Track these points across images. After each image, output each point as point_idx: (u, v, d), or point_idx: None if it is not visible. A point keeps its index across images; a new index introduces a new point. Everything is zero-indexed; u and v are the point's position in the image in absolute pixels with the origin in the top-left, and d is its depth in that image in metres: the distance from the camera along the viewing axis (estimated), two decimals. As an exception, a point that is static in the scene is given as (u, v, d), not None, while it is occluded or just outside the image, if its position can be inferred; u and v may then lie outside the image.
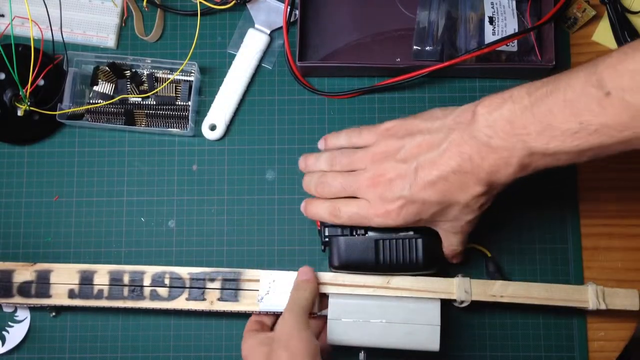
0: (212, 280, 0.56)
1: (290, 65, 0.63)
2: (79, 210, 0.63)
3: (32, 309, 0.61)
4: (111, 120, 0.63)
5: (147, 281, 0.56)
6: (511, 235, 0.62)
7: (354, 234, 0.55)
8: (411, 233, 0.54)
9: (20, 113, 0.62)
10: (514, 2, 0.63)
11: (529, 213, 0.62)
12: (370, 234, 0.54)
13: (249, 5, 0.65)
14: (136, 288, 0.56)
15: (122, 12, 0.66)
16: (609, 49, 0.64)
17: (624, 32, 0.62)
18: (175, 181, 0.63)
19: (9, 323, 0.61)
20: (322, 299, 0.57)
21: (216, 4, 0.64)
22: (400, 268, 0.54)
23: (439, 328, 0.54)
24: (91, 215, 0.63)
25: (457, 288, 0.56)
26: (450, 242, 0.55)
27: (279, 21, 0.64)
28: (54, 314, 0.61)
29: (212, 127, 0.63)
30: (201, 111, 0.64)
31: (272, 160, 0.63)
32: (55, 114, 0.61)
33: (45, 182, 0.63)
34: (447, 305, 0.57)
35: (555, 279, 0.60)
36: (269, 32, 0.65)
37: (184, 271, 0.57)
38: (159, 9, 0.65)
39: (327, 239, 0.55)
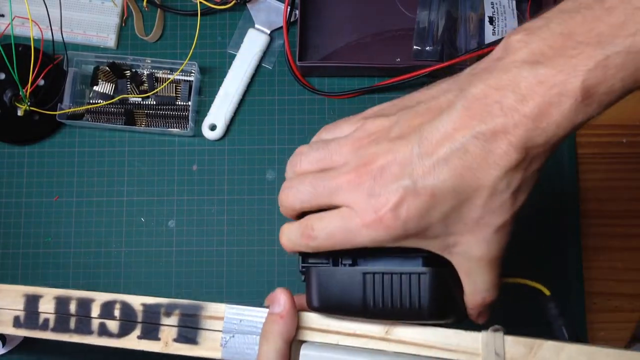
0: (168, 314, 0.45)
1: (290, 65, 0.63)
2: (79, 210, 0.63)
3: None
4: (111, 120, 0.63)
5: (95, 311, 0.47)
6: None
7: (339, 263, 0.38)
8: (419, 265, 0.37)
9: (20, 113, 0.62)
10: (514, 2, 0.63)
11: (529, 213, 0.62)
12: (361, 264, 0.38)
13: (249, 5, 0.65)
14: (83, 319, 0.48)
15: (122, 12, 0.66)
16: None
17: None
18: (175, 181, 0.63)
19: (9, 323, 0.61)
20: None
21: (216, 4, 0.64)
22: (397, 314, 0.37)
23: None
24: (91, 215, 0.63)
25: (484, 347, 0.38)
26: (474, 283, 0.37)
27: (279, 21, 0.64)
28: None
29: (212, 127, 0.63)
30: (201, 111, 0.64)
31: (272, 160, 0.63)
32: (55, 114, 0.61)
33: (45, 182, 0.63)
34: None
35: (555, 279, 0.60)
36: (269, 32, 0.65)
37: (137, 301, 0.46)
38: (159, 9, 0.65)
39: (303, 269, 0.40)
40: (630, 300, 0.60)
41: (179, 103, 0.63)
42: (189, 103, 0.63)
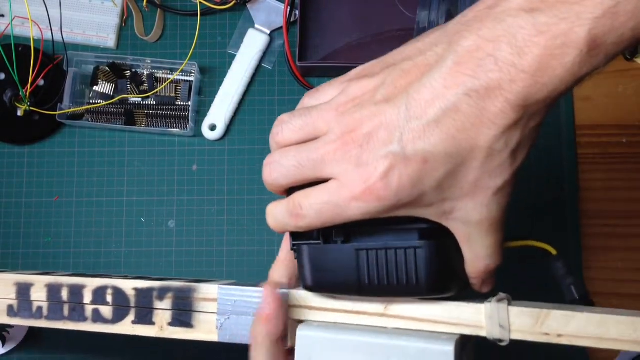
0: (160, 298, 0.44)
1: (290, 65, 0.63)
2: (79, 210, 0.63)
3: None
4: (111, 120, 0.63)
5: (87, 297, 0.46)
6: (509, 236, 0.61)
7: (331, 240, 0.36)
8: (414, 239, 0.35)
9: (20, 113, 0.62)
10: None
11: (529, 213, 0.62)
12: (354, 240, 0.36)
13: (249, 5, 0.65)
14: (77, 306, 0.47)
15: (122, 12, 0.66)
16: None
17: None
18: (175, 181, 0.63)
19: (9, 323, 0.61)
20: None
21: (216, 4, 0.64)
22: (394, 291, 0.36)
23: None
24: (91, 215, 0.63)
25: (488, 319, 0.36)
26: (475, 249, 0.35)
27: (279, 21, 0.64)
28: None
29: (212, 127, 0.63)
30: (201, 111, 0.64)
31: (272, 160, 0.63)
32: (55, 114, 0.61)
33: (45, 182, 0.63)
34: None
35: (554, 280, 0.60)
36: (269, 32, 0.65)
37: (129, 285, 0.45)
38: (159, 9, 0.65)
39: (294, 248, 0.38)
40: (630, 300, 0.60)
41: (179, 103, 0.63)
42: (189, 103, 0.63)
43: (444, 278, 0.35)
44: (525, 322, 0.36)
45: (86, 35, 0.65)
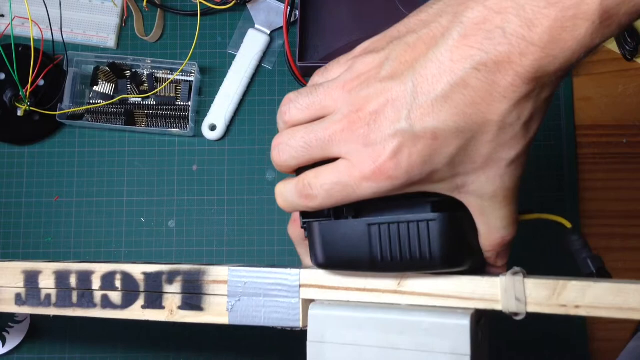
0: (170, 282, 0.44)
1: (290, 65, 0.63)
2: (79, 210, 0.63)
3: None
4: (111, 121, 0.63)
5: (96, 283, 0.46)
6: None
7: (341, 215, 0.36)
8: (427, 211, 0.34)
9: (20, 113, 0.62)
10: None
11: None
12: (365, 214, 0.35)
13: (249, 5, 0.65)
14: (85, 292, 0.46)
15: (122, 12, 0.66)
16: (609, 50, 0.64)
17: (624, 33, 0.62)
18: (175, 181, 0.63)
19: (9, 323, 0.61)
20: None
21: (216, 4, 0.64)
22: (408, 265, 0.35)
23: (468, 359, 0.34)
24: (91, 215, 0.63)
25: (504, 292, 0.35)
26: (489, 222, 0.35)
27: (279, 21, 0.64)
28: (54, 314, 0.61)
29: (212, 127, 0.63)
30: (201, 111, 0.64)
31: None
32: (55, 114, 0.61)
33: (45, 182, 0.63)
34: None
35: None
36: (269, 32, 0.65)
37: (137, 270, 0.45)
38: (159, 9, 0.65)
39: (304, 225, 0.37)
40: (630, 300, 0.60)
41: (179, 103, 0.63)
42: (189, 103, 0.63)
43: (458, 251, 0.35)
44: (542, 294, 0.35)
45: (86, 35, 0.65)
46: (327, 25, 0.65)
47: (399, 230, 0.34)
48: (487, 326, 0.39)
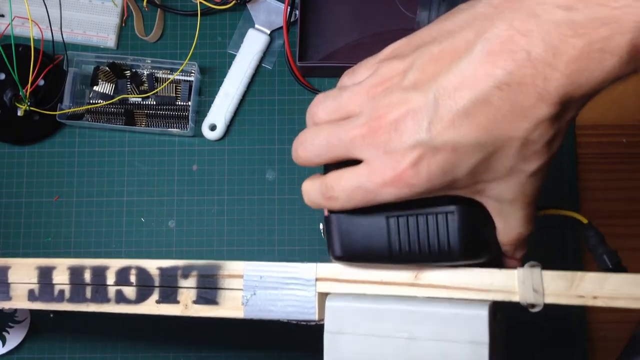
0: (185, 276, 0.44)
1: (290, 65, 0.63)
2: (79, 210, 0.63)
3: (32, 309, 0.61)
4: (111, 120, 0.63)
5: (110, 279, 0.46)
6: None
7: (359, 209, 0.36)
8: (446, 203, 0.35)
9: (20, 113, 0.62)
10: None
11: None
12: (384, 207, 0.35)
13: (249, 5, 0.65)
14: (99, 288, 0.46)
15: (122, 12, 0.66)
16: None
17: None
18: (175, 181, 0.63)
19: (9, 323, 0.61)
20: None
21: (216, 4, 0.64)
22: (426, 258, 0.36)
23: (487, 347, 0.35)
24: (91, 215, 0.63)
25: (521, 284, 0.36)
26: (508, 221, 0.35)
27: (279, 21, 0.64)
28: (53, 314, 0.61)
29: (212, 127, 0.63)
30: (201, 111, 0.64)
31: (272, 160, 0.63)
32: (55, 114, 0.61)
33: (45, 182, 0.63)
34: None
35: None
36: (269, 32, 0.65)
37: (153, 265, 0.45)
38: (159, 9, 0.65)
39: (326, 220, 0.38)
40: (630, 300, 0.60)
41: (179, 103, 0.63)
42: (189, 103, 0.63)
43: (476, 243, 0.35)
44: (560, 286, 0.36)
45: (86, 35, 0.65)
46: (327, 25, 0.65)
47: (417, 222, 0.35)
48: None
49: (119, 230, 0.62)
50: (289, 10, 0.62)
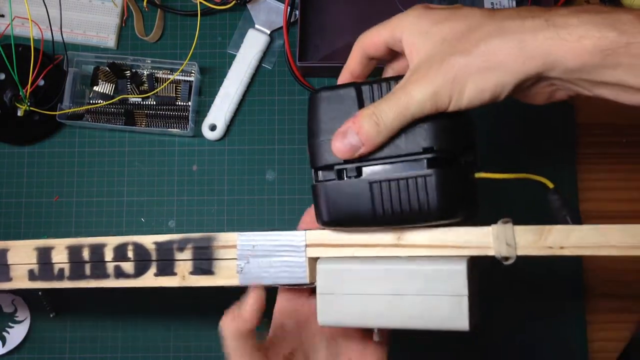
0: (181, 250, 0.46)
1: (290, 65, 0.63)
2: (79, 210, 0.63)
3: (32, 309, 0.61)
4: (111, 121, 0.63)
5: (109, 255, 0.48)
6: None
7: (343, 176, 0.40)
8: (423, 167, 0.38)
9: (20, 113, 0.62)
10: (514, 2, 0.63)
11: (528, 213, 0.61)
12: (365, 173, 0.39)
13: (249, 6, 0.65)
14: (98, 265, 0.48)
15: (122, 12, 0.66)
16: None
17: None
18: (175, 181, 0.63)
19: (9, 324, 0.61)
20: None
21: (216, 4, 0.64)
22: (407, 219, 0.39)
23: (466, 299, 0.38)
24: (91, 215, 0.63)
25: (495, 239, 0.39)
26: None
27: (279, 21, 0.64)
28: (53, 314, 0.61)
29: (212, 127, 0.63)
30: (201, 111, 0.64)
31: (272, 160, 0.63)
32: (55, 114, 0.61)
33: (45, 182, 0.63)
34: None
35: (555, 279, 0.60)
36: (269, 32, 0.65)
37: (149, 240, 0.47)
38: (159, 9, 0.65)
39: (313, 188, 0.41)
40: (630, 300, 0.60)
41: (179, 103, 0.63)
42: (189, 103, 0.63)
43: (452, 202, 0.38)
44: (530, 239, 0.39)
45: (86, 35, 0.65)
46: (327, 25, 0.65)
47: (398, 186, 0.38)
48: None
49: (119, 230, 0.62)
50: (289, 10, 0.62)
